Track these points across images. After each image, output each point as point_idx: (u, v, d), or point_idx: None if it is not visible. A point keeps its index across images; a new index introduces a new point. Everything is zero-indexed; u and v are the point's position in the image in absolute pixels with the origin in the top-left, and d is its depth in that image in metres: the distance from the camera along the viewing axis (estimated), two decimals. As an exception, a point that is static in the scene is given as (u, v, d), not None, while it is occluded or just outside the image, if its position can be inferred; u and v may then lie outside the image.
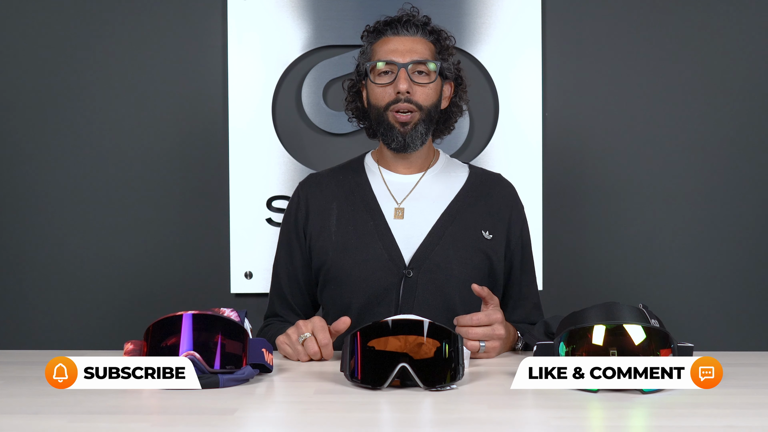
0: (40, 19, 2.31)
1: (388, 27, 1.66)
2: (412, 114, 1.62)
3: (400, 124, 1.62)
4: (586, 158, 2.32)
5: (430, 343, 1.14)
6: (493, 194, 1.71)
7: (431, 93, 1.64)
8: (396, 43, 1.64)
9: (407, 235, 1.62)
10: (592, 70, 2.31)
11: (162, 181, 2.32)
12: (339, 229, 1.64)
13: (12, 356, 1.42)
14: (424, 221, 1.63)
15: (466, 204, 1.67)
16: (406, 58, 1.61)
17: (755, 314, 2.31)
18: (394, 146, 1.65)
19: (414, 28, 1.65)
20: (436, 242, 1.60)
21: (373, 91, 1.65)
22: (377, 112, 1.65)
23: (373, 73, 1.64)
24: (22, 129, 2.32)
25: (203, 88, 2.32)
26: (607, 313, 1.14)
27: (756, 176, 2.30)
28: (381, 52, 1.64)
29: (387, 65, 1.62)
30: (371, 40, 1.69)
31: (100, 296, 2.32)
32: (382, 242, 1.61)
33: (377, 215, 1.64)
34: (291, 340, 1.39)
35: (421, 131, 1.64)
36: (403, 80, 1.59)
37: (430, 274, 1.58)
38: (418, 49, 1.63)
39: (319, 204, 1.70)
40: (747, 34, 2.29)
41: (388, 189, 1.69)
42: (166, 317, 1.17)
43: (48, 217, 2.32)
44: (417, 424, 0.99)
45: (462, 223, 1.64)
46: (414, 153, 1.68)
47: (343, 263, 1.61)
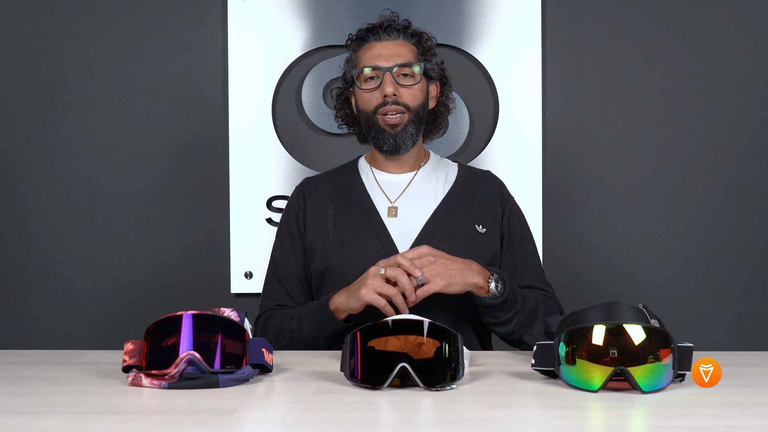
0: (40, 19, 2.31)
1: (371, 33, 1.71)
2: (401, 115, 1.66)
3: (390, 127, 1.66)
4: (586, 158, 2.32)
5: (430, 343, 1.14)
6: (482, 190, 1.74)
7: (417, 94, 1.68)
8: (379, 48, 1.68)
9: (402, 231, 1.65)
10: (592, 70, 2.31)
11: (162, 181, 2.32)
12: (336, 229, 1.68)
13: (12, 356, 1.42)
14: (417, 218, 1.66)
15: (458, 200, 1.70)
16: (390, 62, 1.66)
17: (755, 314, 2.31)
18: (386, 149, 1.69)
19: (396, 32, 1.70)
20: (430, 236, 1.63)
21: (361, 96, 1.69)
22: (366, 116, 1.69)
23: (360, 80, 1.68)
24: (23, 129, 2.32)
25: (203, 88, 2.32)
26: (607, 313, 1.14)
27: (756, 176, 2.30)
28: (365, 58, 1.69)
29: (372, 71, 1.66)
30: (355, 48, 1.74)
31: (100, 296, 2.32)
32: (378, 239, 1.63)
33: (372, 214, 1.67)
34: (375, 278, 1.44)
35: (411, 132, 1.68)
36: (389, 84, 1.64)
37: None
38: (402, 52, 1.68)
39: (316, 205, 1.73)
40: (747, 34, 2.29)
41: (382, 189, 1.72)
42: (166, 317, 1.17)
43: (48, 217, 2.32)
44: (417, 424, 0.99)
45: (455, 217, 1.67)
46: (405, 154, 1.72)
47: (341, 261, 1.63)
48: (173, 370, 1.12)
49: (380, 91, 1.65)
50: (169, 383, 1.12)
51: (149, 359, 1.15)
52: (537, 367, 1.16)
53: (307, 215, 1.72)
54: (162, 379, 1.13)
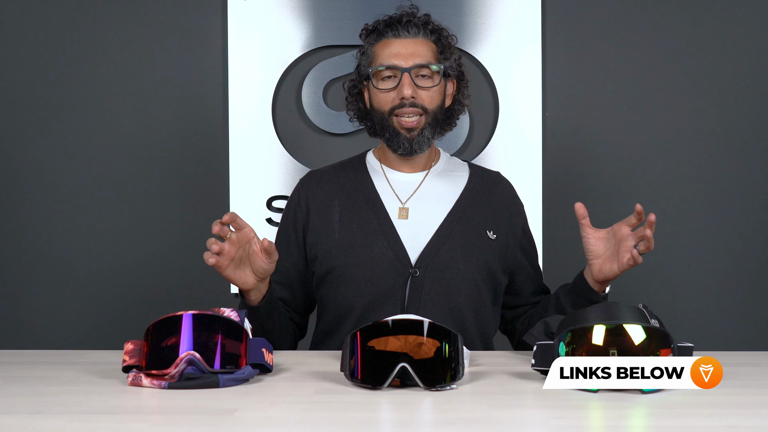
0: (40, 20, 2.31)
1: (389, 28, 1.62)
2: (419, 118, 1.60)
3: (406, 130, 1.60)
4: (586, 158, 2.32)
5: (430, 343, 1.14)
6: (494, 194, 1.70)
7: (436, 95, 1.62)
8: (398, 46, 1.61)
9: (413, 234, 1.60)
10: (592, 70, 2.31)
11: (162, 181, 2.32)
12: (342, 227, 1.62)
13: (12, 356, 1.42)
14: (429, 221, 1.62)
15: (471, 204, 1.66)
16: (409, 62, 1.58)
17: (755, 314, 2.31)
18: (400, 152, 1.63)
19: (415, 28, 1.62)
20: (444, 241, 1.59)
21: (377, 96, 1.62)
22: (381, 116, 1.63)
23: (376, 78, 1.61)
24: (23, 129, 2.32)
25: (203, 88, 2.32)
26: (607, 313, 1.14)
27: (756, 176, 2.30)
28: (383, 56, 1.61)
29: (390, 70, 1.59)
30: (371, 42, 1.65)
31: (100, 296, 2.32)
32: (387, 241, 1.59)
33: (381, 214, 1.62)
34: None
35: (427, 135, 1.62)
36: (407, 86, 1.57)
37: (438, 273, 1.57)
38: (421, 51, 1.61)
39: (320, 202, 1.67)
40: (747, 34, 2.30)
41: (392, 188, 1.67)
42: (166, 317, 1.17)
43: (48, 217, 2.32)
44: (417, 424, 0.99)
45: (468, 222, 1.63)
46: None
47: (348, 262, 1.59)
48: (173, 370, 1.12)
49: (397, 92, 1.58)
50: (169, 383, 1.12)
51: (149, 359, 1.15)
52: (537, 367, 1.16)
53: (309, 213, 1.66)
54: (162, 379, 1.13)
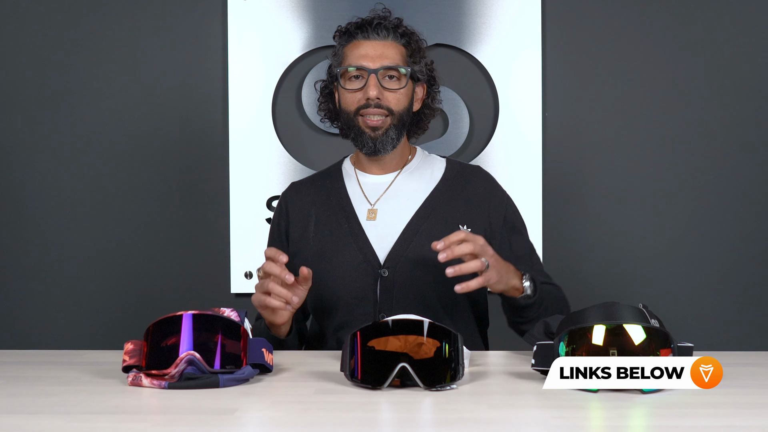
0: (40, 19, 2.31)
1: (359, 30, 1.64)
2: (384, 119, 1.60)
3: (371, 129, 1.61)
4: (586, 158, 2.32)
5: (430, 343, 1.14)
6: (469, 187, 1.68)
7: (402, 98, 1.62)
8: (366, 47, 1.62)
9: (381, 235, 1.60)
10: (592, 70, 2.31)
11: (162, 181, 2.32)
12: (317, 235, 1.64)
13: (12, 356, 1.42)
14: (398, 220, 1.62)
15: (443, 199, 1.64)
16: (377, 64, 1.59)
17: (755, 314, 2.31)
18: (365, 151, 1.64)
19: (385, 31, 1.63)
20: (411, 239, 1.59)
21: (344, 96, 1.64)
22: (347, 116, 1.63)
23: (344, 78, 1.62)
24: (23, 129, 2.32)
25: (203, 88, 2.32)
26: (607, 313, 1.14)
27: (756, 176, 2.30)
28: (351, 56, 1.63)
29: (357, 70, 1.60)
30: (342, 43, 1.67)
31: (101, 296, 2.32)
32: (357, 244, 1.59)
33: (351, 218, 1.63)
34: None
35: (392, 136, 1.62)
36: (372, 86, 1.58)
37: (406, 272, 1.57)
38: (389, 53, 1.61)
39: (298, 211, 1.69)
40: (747, 35, 2.29)
41: (363, 191, 1.67)
42: (166, 317, 1.17)
43: (48, 217, 2.32)
44: (417, 424, 0.99)
45: (438, 218, 1.61)
46: (388, 155, 1.66)
47: (322, 268, 1.59)
48: (173, 370, 1.12)
49: (363, 93, 1.59)
50: (169, 383, 1.12)
51: (149, 359, 1.15)
52: (537, 367, 1.16)
53: (290, 224, 1.69)
54: (162, 379, 1.13)
